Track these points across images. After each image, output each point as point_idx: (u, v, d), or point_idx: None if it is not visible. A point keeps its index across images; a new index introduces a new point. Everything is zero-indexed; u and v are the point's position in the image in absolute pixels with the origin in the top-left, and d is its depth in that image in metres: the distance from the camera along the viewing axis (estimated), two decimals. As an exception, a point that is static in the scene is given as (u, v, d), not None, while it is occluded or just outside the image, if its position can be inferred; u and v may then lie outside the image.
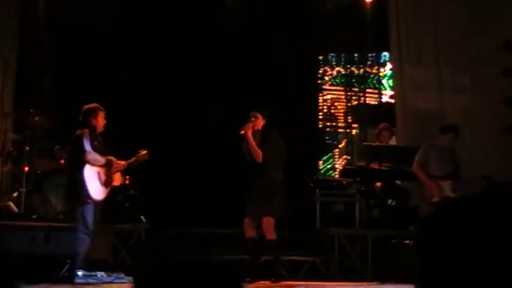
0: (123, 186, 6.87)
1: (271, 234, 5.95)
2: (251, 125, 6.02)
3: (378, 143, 7.89)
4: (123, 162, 6.13)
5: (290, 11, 9.36)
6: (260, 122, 6.08)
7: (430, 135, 7.31)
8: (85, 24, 8.33)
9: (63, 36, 8.24)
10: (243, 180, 6.12)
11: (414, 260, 5.97)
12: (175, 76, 9.08)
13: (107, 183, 5.95)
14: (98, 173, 5.92)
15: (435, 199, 6.54)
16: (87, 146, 5.74)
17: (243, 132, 6.00)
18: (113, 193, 6.38)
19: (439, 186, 6.59)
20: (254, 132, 6.11)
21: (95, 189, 5.82)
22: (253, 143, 6.00)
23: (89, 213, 5.77)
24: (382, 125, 8.01)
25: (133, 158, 6.18)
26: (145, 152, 6.20)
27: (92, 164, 5.79)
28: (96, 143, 5.92)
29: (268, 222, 5.93)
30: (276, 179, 6.03)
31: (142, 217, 7.32)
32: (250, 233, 6.05)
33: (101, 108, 6.01)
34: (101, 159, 5.89)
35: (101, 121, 5.97)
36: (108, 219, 6.46)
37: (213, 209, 8.31)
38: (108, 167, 5.95)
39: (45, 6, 8.13)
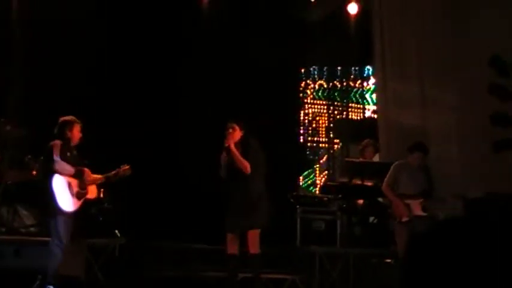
0: (97, 199, 6.83)
1: (255, 248, 5.87)
2: (231, 137, 5.97)
3: (360, 159, 8.00)
4: (99, 176, 6.13)
5: (272, 22, 9.35)
6: (238, 134, 6.03)
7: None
8: (59, 28, 8.18)
9: (35, 40, 8.12)
10: (219, 195, 6.11)
11: (395, 280, 6.21)
12: (150, 87, 9.04)
13: (79, 194, 5.91)
14: (69, 183, 5.87)
15: (405, 218, 6.60)
16: (56, 156, 5.72)
17: (227, 144, 5.94)
18: (87, 207, 6.35)
19: (408, 205, 6.63)
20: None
21: (65, 200, 5.77)
22: (238, 154, 5.92)
23: (62, 226, 5.71)
24: (366, 141, 8.11)
25: (114, 172, 6.18)
26: (127, 167, 6.21)
27: (61, 174, 5.75)
28: (69, 154, 5.90)
29: (254, 235, 5.88)
30: (259, 188, 5.98)
31: (116, 231, 7.27)
32: (232, 249, 5.95)
33: (77, 121, 5.99)
34: (70, 169, 5.81)
35: (76, 134, 5.95)
36: (82, 234, 6.42)
37: (192, 223, 8.27)
38: (79, 178, 5.93)
39: (18, 8, 8.04)
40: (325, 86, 10.96)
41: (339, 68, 10.81)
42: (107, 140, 8.01)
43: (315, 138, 10.90)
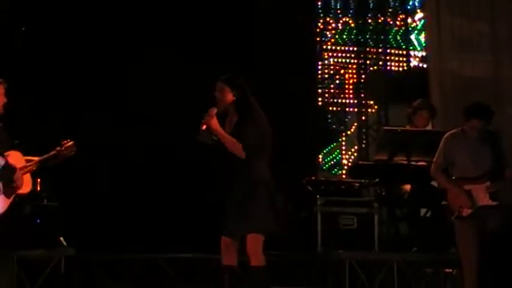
0: (33, 194, 6.73)
1: (257, 259, 5.84)
2: (213, 111, 5.94)
3: (406, 127, 7.85)
4: (35, 159, 6.06)
5: None
6: (229, 97, 5.98)
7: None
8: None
9: None
10: (210, 186, 6.14)
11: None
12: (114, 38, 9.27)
13: (8, 190, 5.82)
14: None
15: (466, 212, 6.52)
16: None
17: (204, 127, 5.92)
18: (18, 204, 6.23)
19: (469, 192, 6.55)
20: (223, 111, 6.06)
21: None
22: (223, 134, 5.91)
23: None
24: (418, 100, 7.91)
25: (53, 152, 6.08)
26: (70, 143, 6.14)
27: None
28: None
29: (253, 241, 5.84)
30: (261, 176, 5.89)
31: (61, 239, 7.28)
32: (229, 259, 5.96)
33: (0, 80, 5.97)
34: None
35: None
36: (9, 244, 6.33)
37: (164, 226, 8.39)
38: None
39: None
40: (353, 24, 10.97)
41: (371, -2, 11.07)
42: (50, 109, 8.41)
43: (340, 100, 10.93)
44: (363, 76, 10.93)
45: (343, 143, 10.82)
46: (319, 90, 10.81)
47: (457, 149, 6.64)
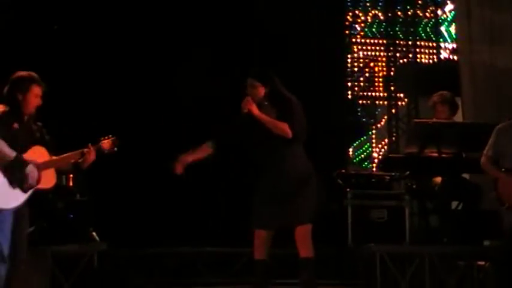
0: (63, 189, 6.93)
1: (309, 250, 5.89)
2: (249, 99, 5.95)
3: (435, 120, 7.78)
4: (57, 157, 5.92)
5: None
6: (261, 91, 6.00)
7: (512, 106, 7.40)
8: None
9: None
10: (236, 184, 6.22)
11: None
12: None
13: (24, 184, 5.69)
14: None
15: None
16: None
17: (247, 110, 5.91)
18: (49, 199, 6.50)
19: None
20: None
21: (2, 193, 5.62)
22: (266, 117, 5.89)
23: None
24: (437, 95, 7.85)
25: (84, 150, 5.92)
26: (109, 140, 6.03)
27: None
28: (17, 126, 5.76)
29: (304, 232, 5.87)
30: (308, 163, 5.93)
31: (94, 234, 7.34)
32: (261, 252, 5.93)
33: (38, 79, 5.87)
34: (10, 153, 5.63)
35: (33, 99, 5.83)
36: (43, 239, 6.42)
37: (195, 221, 8.44)
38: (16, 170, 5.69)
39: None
40: (382, 17, 10.98)
41: (401, -10, 11.09)
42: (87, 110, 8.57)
43: (370, 93, 10.91)
44: (393, 69, 10.89)
45: (373, 136, 10.83)
46: (349, 84, 10.81)
47: (508, 140, 6.58)
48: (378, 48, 10.95)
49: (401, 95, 10.90)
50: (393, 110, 10.84)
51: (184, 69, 9.25)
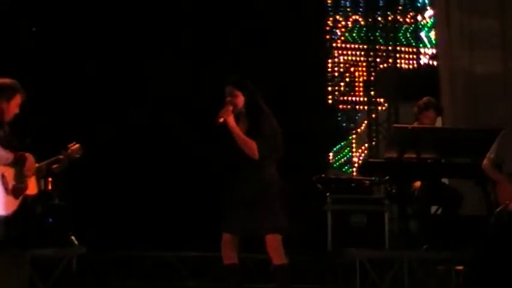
0: (43, 194, 6.80)
1: (280, 257, 5.90)
2: (230, 108, 5.94)
3: (415, 125, 7.80)
4: (40, 164, 6.01)
5: None
6: (241, 101, 5.99)
7: (491, 110, 7.49)
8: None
9: None
10: (214, 185, 6.38)
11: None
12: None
13: (16, 191, 5.80)
14: (2, 176, 5.75)
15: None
16: None
17: (222, 120, 5.90)
18: (27, 203, 6.10)
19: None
20: (235, 116, 6.01)
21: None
22: (239, 132, 5.91)
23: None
24: (424, 99, 7.87)
25: (59, 157, 6.04)
26: (76, 146, 6.14)
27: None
28: (1, 133, 5.80)
29: (273, 241, 5.89)
30: (272, 176, 5.95)
31: (73, 238, 7.31)
32: (230, 256, 5.97)
33: (20, 88, 5.90)
34: (7, 155, 5.72)
35: (13, 107, 5.88)
36: (22, 243, 6.21)
37: (174, 224, 8.41)
38: (18, 168, 5.80)
39: None
40: (363, 22, 10.97)
41: (381, -5, 11.02)
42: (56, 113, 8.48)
43: (350, 98, 10.96)
44: (373, 74, 10.87)
45: (354, 141, 10.83)
46: (329, 88, 10.79)
47: (510, 147, 6.55)
48: (358, 53, 10.96)
49: (382, 100, 10.86)
50: (373, 115, 10.82)
51: (161, 74, 9.23)
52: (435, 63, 10.18)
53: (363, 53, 10.94)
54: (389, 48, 10.86)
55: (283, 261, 5.90)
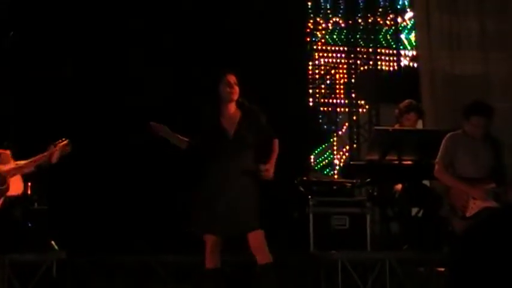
0: (21, 197, 6.84)
1: (266, 255, 5.86)
2: (271, 174, 6.02)
3: (396, 127, 7.89)
4: (23, 162, 6.13)
5: None
6: (238, 90, 6.04)
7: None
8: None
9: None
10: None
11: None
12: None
13: None
14: None
15: (471, 212, 6.62)
16: None
17: (270, 175, 5.99)
18: (8, 208, 6.48)
19: (476, 192, 6.64)
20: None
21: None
22: (273, 161, 6.07)
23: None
24: (406, 102, 7.96)
25: (47, 152, 6.10)
26: (65, 142, 6.18)
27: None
28: None
29: (259, 238, 5.86)
30: (255, 170, 5.99)
31: (52, 242, 7.32)
32: (213, 260, 5.92)
33: None
34: None
35: None
36: (0, 248, 6.47)
37: (154, 228, 8.40)
38: None
39: None
40: (343, 24, 10.92)
41: (361, -2, 11.00)
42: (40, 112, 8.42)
43: (331, 100, 10.89)
44: (354, 76, 10.90)
45: (335, 143, 10.79)
46: (310, 91, 10.77)
47: (458, 149, 6.74)
48: (339, 55, 10.93)
49: (363, 102, 10.92)
50: (354, 117, 10.85)
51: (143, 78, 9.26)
52: (415, 65, 10.21)
53: (343, 55, 10.94)
54: (370, 50, 10.93)
55: (270, 259, 5.86)
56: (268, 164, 5.99)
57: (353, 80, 10.93)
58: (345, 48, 10.99)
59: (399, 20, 11.02)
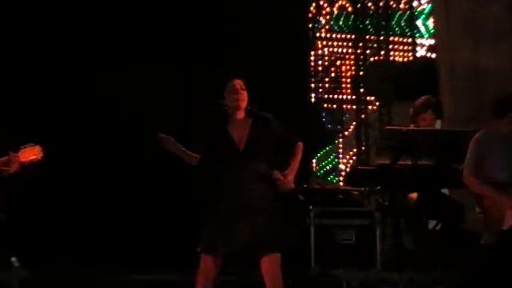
0: None
1: (281, 283, 5.76)
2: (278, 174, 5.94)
3: (411, 127, 7.58)
4: None
5: None
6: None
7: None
8: None
9: None
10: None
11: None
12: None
13: None
14: None
15: (508, 222, 6.18)
16: None
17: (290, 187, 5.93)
18: None
19: None
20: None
21: None
22: (295, 167, 6.05)
23: None
24: (422, 99, 7.66)
25: (5, 158, 5.84)
26: (36, 147, 5.98)
27: None
28: None
29: (276, 262, 5.75)
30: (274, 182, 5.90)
31: (13, 259, 7.42)
32: (210, 283, 5.72)
33: None
34: None
35: None
36: None
37: (129, 242, 8.51)
38: None
39: None
40: (350, 9, 10.96)
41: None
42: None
43: (336, 96, 10.90)
44: (362, 68, 10.84)
45: (340, 145, 10.85)
46: (312, 85, 10.77)
47: (489, 151, 6.35)
48: (345, 44, 11.15)
49: (372, 99, 10.91)
50: (362, 116, 10.97)
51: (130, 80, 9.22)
52: (433, 55, 10.17)
53: (350, 44, 11.08)
54: (381, 38, 11.07)
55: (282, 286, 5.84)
56: (287, 171, 5.99)
57: (361, 73, 10.99)
58: (352, 37, 11.07)
59: (415, 3, 11.16)
